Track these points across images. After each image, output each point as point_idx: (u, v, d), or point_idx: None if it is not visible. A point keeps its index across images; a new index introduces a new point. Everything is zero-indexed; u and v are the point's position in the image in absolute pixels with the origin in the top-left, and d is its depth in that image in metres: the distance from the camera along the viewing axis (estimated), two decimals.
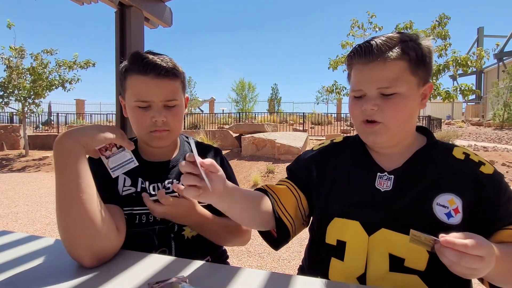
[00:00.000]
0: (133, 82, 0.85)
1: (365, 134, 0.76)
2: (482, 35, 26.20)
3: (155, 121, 0.84)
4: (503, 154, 7.15)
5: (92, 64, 10.07)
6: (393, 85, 0.69)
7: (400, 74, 0.69)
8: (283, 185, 0.88)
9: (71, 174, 0.70)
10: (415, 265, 0.69)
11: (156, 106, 0.85)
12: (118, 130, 0.80)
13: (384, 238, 0.71)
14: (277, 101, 28.56)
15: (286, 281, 0.64)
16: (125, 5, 2.35)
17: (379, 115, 0.71)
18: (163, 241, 0.88)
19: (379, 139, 0.74)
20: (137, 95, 0.84)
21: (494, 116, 14.15)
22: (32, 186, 6.11)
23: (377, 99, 0.71)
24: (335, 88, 8.46)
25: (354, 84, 0.75)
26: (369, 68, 0.71)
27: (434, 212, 0.69)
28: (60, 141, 0.72)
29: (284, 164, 6.93)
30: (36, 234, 1.45)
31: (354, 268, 0.74)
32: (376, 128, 0.72)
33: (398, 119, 0.71)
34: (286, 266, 2.78)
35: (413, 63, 0.70)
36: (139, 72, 0.83)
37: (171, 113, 0.87)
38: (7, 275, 0.65)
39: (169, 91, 0.86)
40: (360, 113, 0.74)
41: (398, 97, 0.70)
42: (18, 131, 11.24)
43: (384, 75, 0.69)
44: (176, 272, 0.66)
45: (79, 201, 0.68)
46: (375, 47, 0.69)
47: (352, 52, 0.74)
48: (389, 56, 0.68)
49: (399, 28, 7.29)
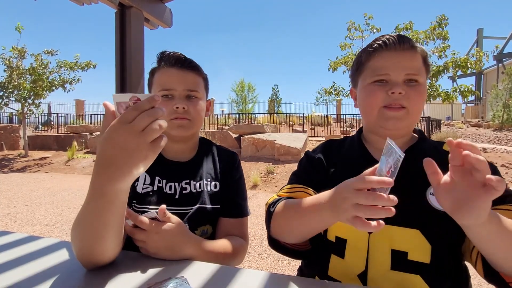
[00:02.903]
0: (158, 75, 0.93)
1: (384, 119, 0.76)
2: (481, 36, 26.27)
3: (176, 108, 0.88)
4: (502, 155, 7.15)
5: (93, 66, 10.06)
6: (418, 74, 0.75)
7: (421, 66, 0.76)
8: (299, 191, 0.83)
9: (117, 206, 0.58)
10: (419, 257, 0.69)
11: (178, 95, 0.91)
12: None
13: (385, 233, 0.71)
14: (277, 102, 28.56)
15: (286, 281, 0.64)
16: (125, 6, 2.35)
17: (405, 101, 0.74)
18: None
19: (400, 124, 0.76)
20: (162, 85, 0.91)
21: (493, 117, 14.17)
22: (32, 186, 6.10)
23: (403, 85, 0.75)
24: (334, 90, 8.46)
25: (380, 69, 0.77)
26: (398, 55, 0.76)
27: (428, 201, 0.70)
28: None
29: (284, 165, 6.92)
30: (35, 234, 1.45)
31: (354, 266, 0.74)
32: (400, 113, 0.75)
33: (419, 107, 0.76)
34: (285, 267, 2.78)
35: (425, 60, 0.78)
36: (165, 64, 0.92)
37: (192, 104, 0.92)
38: (6, 276, 0.65)
39: (192, 82, 0.93)
40: (384, 98, 0.75)
41: (420, 86, 0.75)
42: (17, 131, 11.23)
43: (413, 63, 0.75)
44: (175, 272, 0.66)
45: (112, 234, 0.61)
46: (405, 39, 0.76)
47: (376, 42, 0.78)
48: (416, 48, 0.76)
49: (399, 28, 7.31)
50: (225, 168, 1.01)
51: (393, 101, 0.74)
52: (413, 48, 0.76)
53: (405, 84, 0.74)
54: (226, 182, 0.99)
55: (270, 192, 5.65)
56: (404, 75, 0.74)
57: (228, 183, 0.99)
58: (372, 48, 0.78)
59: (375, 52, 0.77)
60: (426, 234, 0.69)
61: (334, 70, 8.25)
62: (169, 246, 0.72)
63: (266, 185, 6.06)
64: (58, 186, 6.11)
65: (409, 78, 0.74)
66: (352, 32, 8.03)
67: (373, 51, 0.78)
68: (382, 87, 0.75)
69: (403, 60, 0.75)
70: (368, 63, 0.80)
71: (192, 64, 0.93)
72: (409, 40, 0.76)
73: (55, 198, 5.16)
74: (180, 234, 0.74)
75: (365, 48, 0.82)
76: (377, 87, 0.76)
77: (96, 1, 2.27)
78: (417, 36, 7.03)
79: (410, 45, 0.75)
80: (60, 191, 5.70)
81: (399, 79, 0.74)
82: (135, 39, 2.42)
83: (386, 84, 0.76)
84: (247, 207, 1.02)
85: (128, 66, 2.50)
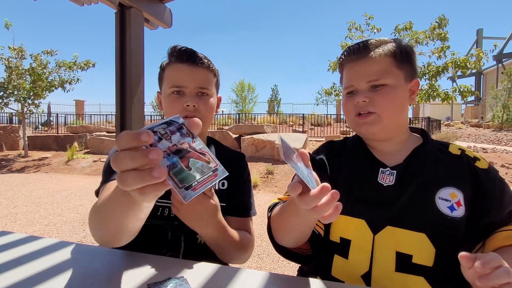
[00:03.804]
0: (169, 71, 0.91)
1: (358, 126, 0.79)
2: (481, 37, 26.28)
3: (187, 105, 0.86)
4: (502, 156, 7.16)
5: (92, 65, 10.04)
6: (381, 77, 0.75)
7: (387, 68, 0.75)
8: None
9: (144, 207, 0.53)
10: (423, 261, 0.69)
11: (189, 92, 0.89)
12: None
13: (391, 235, 0.71)
14: (277, 102, 28.55)
15: (286, 281, 0.64)
16: (125, 6, 2.35)
17: (371, 106, 0.75)
18: (176, 240, 0.87)
19: (372, 129, 0.77)
20: (172, 82, 0.89)
21: (493, 118, 14.18)
22: (31, 186, 6.09)
23: (367, 92, 0.76)
24: (333, 91, 8.47)
25: (346, 81, 0.81)
26: (358, 64, 0.78)
27: (437, 206, 0.70)
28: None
29: (283, 165, 6.92)
30: (35, 234, 1.45)
31: (358, 266, 0.73)
32: (369, 119, 0.76)
33: (389, 108, 0.75)
34: (285, 267, 2.78)
35: (398, 58, 0.76)
36: (176, 60, 0.90)
37: (203, 101, 0.90)
38: (6, 276, 0.65)
39: (203, 79, 0.90)
40: (353, 108, 0.78)
41: (388, 88, 0.75)
42: (17, 131, 11.22)
43: (372, 69, 0.76)
44: (175, 272, 0.66)
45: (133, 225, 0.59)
46: (362, 46, 0.78)
47: (343, 54, 0.82)
48: (375, 52, 0.76)
49: (399, 29, 7.31)
50: (234, 168, 1.01)
51: (360, 109, 0.77)
52: (371, 54, 0.76)
53: (370, 91, 0.76)
54: (234, 182, 0.99)
55: (270, 192, 5.64)
56: (365, 82, 0.76)
57: (237, 183, 1.00)
58: (340, 60, 0.83)
59: (342, 64, 0.82)
60: (432, 239, 0.68)
61: (334, 70, 8.24)
62: (198, 218, 0.75)
63: (266, 185, 6.05)
64: (57, 187, 6.10)
65: (373, 84, 0.76)
66: (353, 32, 8.03)
67: (340, 64, 0.83)
68: (352, 98, 0.79)
69: (363, 67, 0.77)
70: (342, 75, 0.84)
71: (204, 61, 0.91)
72: (366, 47, 0.77)
73: (54, 198, 5.15)
74: (213, 212, 0.77)
75: (340, 55, 0.85)
76: (348, 99, 0.81)
77: (96, 2, 2.27)
78: (417, 36, 7.03)
79: (368, 51, 0.76)
80: (60, 191, 5.70)
81: (361, 87, 0.77)
82: (135, 40, 2.42)
83: (354, 94, 0.79)
84: (253, 207, 1.03)
85: (128, 66, 2.50)
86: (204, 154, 0.45)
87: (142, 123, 2.78)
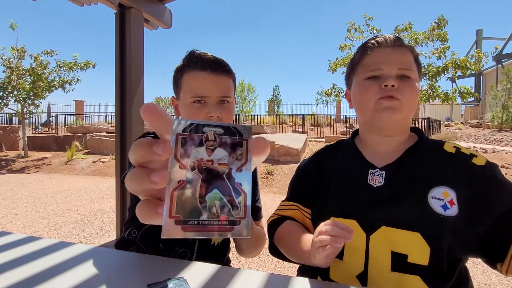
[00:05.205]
0: (190, 78, 0.87)
1: (379, 111, 0.76)
2: (481, 37, 26.31)
3: (210, 116, 0.84)
4: (502, 156, 7.16)
5: (92, 65, 10.04)
6: (410, 69, 0.77)
7: (412, 63, 0.78)
8: (290, 209, 0.91)
9: None
10: (418, 260, 0.69)
11: (211, 101, 0.86)
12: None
13: (386, 235, 0.71)
14: (277, 103, 28.55)
15: (286, 282, 0.64)
16: (125, 7, 2.36)
17: (399, 94, 0.75)
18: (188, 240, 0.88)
19: (395, 116, 0.75)
20: (194, 91, 0.85)
21: (492, 118, 14.18)
22: (31, 187, 6.09)
23: (396, 79, 0.76)
24: (333, 91, 8.47)
25: (373, 64, 0.78)
26: (391, 51, 0.78)
27: (430, 205, 0.70)
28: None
29: (283, 166, 6.93)
30: (35, 235, 1.44)
31: (353, 267, 0.74)
32: (394, 103, 0.75)
33: (412, 100, 0.76)
34: (285, 267, 2.78)
35: (416, 59, 0.80)
36: (196, 68, 0.86)
37: (226, 110, 0.88)
38: (6, 276, 0.65)
39: (225, 88, 0.88)
40: (378, 91, 0.76)
41: (413, 82, 0.76)
42: (17, 132, 11.22)
43: (404, 59, 0.78)
44: (175, 272, 0.66)
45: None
46: (395, 37, 0.80)
47: (373, 40, 0.81)
48: (406, 46, 0.80)
49: (399, 29, 7.31)
50: None
51: (386, 93, 0.75)
52: (404, 46, 0.79)
53: (397, 79, 0.76)
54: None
55: (270, 192, 5.65)
56: (396, 69, 0.76)
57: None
58: (365, 48, 0.81)
59: (368, 50, 0.80)
60: (426, 237, 0.69)
61: (334, 71, 8.24)
62: None
63: (265, 185, 6.05)
64: (57, 187, 6.10)
65: (402, 73, 0.76)
66: (352, 32, 8.04)
67: (366, 50, 0.81)
68: (376, 81, 0.77)
69: (395, 55, 0.77)
70: (362, 61, 0.82)
71: (226, 68, 0.88)
72: (400, 39, 0.80)
73: (54, 198, 5.15)
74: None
75: (358, 48, 0.84)
76: (371, 82, 0.78)
77: (96, 2, 2.27)
78: (416, 37, 7.04)
79: (401, 43, 0.79)
80: (60, 191, 5.69)
81: (391, 73, 0.76)
82: (135, 40, 2.42)
83: (379, 79, 0.77)
84: (261, 211, 1.05)
85: (128, 67, 2.51)
86: (239, 194, 0.30)
87: (141, 123, 2.78)
